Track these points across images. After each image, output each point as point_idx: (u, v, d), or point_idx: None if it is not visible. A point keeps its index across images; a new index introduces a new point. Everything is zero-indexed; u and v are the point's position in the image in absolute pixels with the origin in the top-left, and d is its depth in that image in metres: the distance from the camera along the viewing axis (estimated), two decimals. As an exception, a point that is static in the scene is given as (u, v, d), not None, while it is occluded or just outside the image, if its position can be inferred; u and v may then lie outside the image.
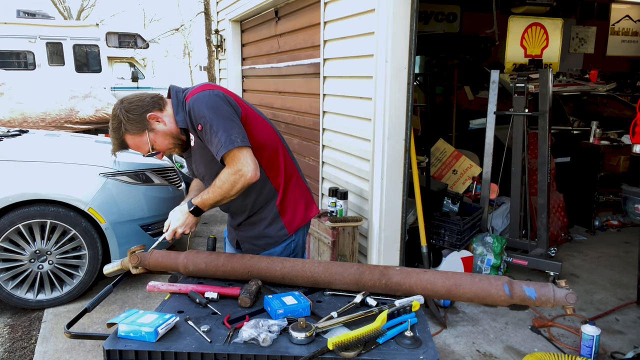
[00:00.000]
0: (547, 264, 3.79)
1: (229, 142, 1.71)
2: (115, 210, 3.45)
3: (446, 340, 3.08)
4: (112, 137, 1.86)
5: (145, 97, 1.86)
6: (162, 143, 1.87)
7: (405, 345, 1.35)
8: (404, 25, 2.87)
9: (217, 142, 1.72)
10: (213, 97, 1.79)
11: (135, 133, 1.82)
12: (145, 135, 1.83)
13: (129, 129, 1.81)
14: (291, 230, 2.02)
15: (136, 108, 1.81)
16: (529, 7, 6.63)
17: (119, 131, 1.82)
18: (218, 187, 1.77)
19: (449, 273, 1.60)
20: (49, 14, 15.84)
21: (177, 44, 30.34)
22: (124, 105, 1.82)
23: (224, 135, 1.71)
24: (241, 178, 1.72)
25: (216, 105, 1.77)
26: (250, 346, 1.33)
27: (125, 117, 1.80)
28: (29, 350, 2.99)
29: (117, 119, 1.81)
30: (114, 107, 1.85)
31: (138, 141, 1.85)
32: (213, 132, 1.73)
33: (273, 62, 5.20)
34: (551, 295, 1.48)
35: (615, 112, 5.96)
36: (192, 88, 1.90)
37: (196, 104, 1.78)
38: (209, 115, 1.74)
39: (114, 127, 1.83)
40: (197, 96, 1.79)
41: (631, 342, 3.07)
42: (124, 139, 1.84)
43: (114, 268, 1.87)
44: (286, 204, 2.01)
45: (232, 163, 1.73)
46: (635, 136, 3.34)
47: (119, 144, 1.86)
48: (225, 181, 1.74)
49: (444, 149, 4.77)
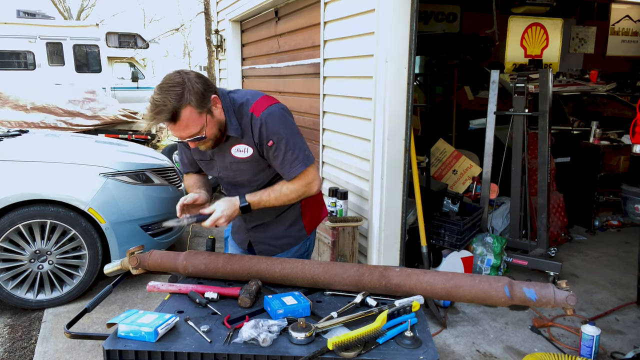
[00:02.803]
0: (547, 264, 3.79)
1: (306, 159, 1.81)
2: (115, 210, 3.45)
3: (446, 340, 3.08)
4: (167, 102, 1.57)
5: (208, 78, 1.70)
6: (211, 130, 1.72)
7: (405, 346, 1.35)
8: (404, 25, 2.87)
9: (293, 159, 1.79)
10: (284, 113, 1.82)
11: (198, 108, 1.63)
12: (204, 116, 1.67)
13: (193, 102, 1.61)
14: (309, 231, 2.10)
15: (203, 84, 1.65)
16: (529, 7, 6.63)
17: (181, 99, 1.58)
18: (284, 195, 1.84)
19: (449, 274, 1.60)
20: (49, 14, 15.84)
21: (177, 44, 30.34)
22: (191, 76, 1.63)
23: (301, 153, 1.80)
24: (309, 191, 1.86)
25: (288, 122, 1.82)
26: (250, 346, 1.33)
27: (194, 87, 1.61)
28: (29, 350, 2.99)
29: (181, 86, 1.60)
30: (172, 75, 1.64)
31: (194, 119, 1.64)
32: (289, 149, 1.78)
33: (273, 62, 5.20)
34: (552, 296, 1.48)
35: (615, 112, 5.96)
36: (249, 97, 1.81)
37: (270, 120, 1.76)
38: (284, 132, 1.77)
39: (175, 93, 1.58)
40: (269, 111, 1.77)
41: (631, 342, 3.07)
42: (180, 110, 1.60)
43: (114, 268, 1.87)
44: (307, 206, 2.06)
45: (304, 177, 1.82)
46: (635, 136, 3.34)
47: (171, 113, 1.59)
48: (294, 191, 1.83)
49: (444, 149, 4.77)
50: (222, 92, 1.80)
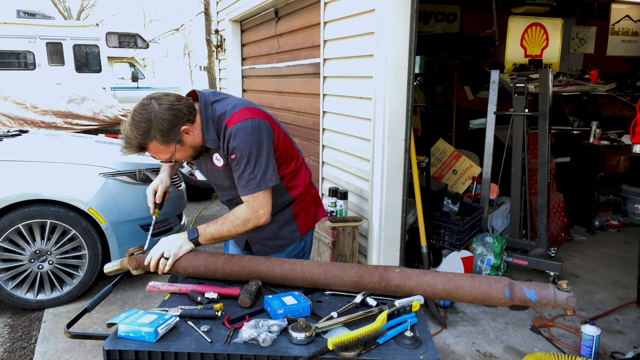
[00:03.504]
0: (547, 264, 3.79)
1: (263, 183, 1.75)
2: (115, 210, 3.45)
3: (446, 340, 3.08)
4: (133, 138, 1.65)
5: (182, 107, 1.70)
6: (183, 154, 1.78)
7: (405, 346, 1.35)
8: (404, 25, 2.87)
9: (249, 179, 1.74)
10: (256, 129, 1.74)
11: (164, 143, 1.68)
12: (172, 146, 1.71)
13: (158, 138, 1.65)
14: (303, 233, 2.08)
15: (172, 117, 1.66)
16: (529, 7, 6.63)
17: (146, 136, 1.64)
18: (229, 222, 1.79)
19: (449, 275, 1.60)
20: (49, 14, 15.83)
21: (177, 44, 30.34)
22: (159, 111, 1.64)
23: (259, 174, 1.74)
24: (256, 220, 1.79)
25: (258, 139, 1.74)
26: (250, 346, 1.33)
27: (159, 125, 1.63)
28: (29, 350, 2.99)
29: (147, 122, 1.63)
30: (143, 106, 1.66)
31: (162, 149, 1.71)
32: (249, 167, 1.74)
33: (273, 62, 5.20)
34: (552, 297, 1.48)
35: (615, 112, 5.96)
36: (229, 107, 1.79)
37: (238, 135, 1.71)
38: (248, 150, 1.72)
39: (141, 129, 1.63)
40: (240, 126, 1.72)
41: (631, 342, 3.07)
42: (147, 145, 1.67)
43: (114, 267, 1.87)
44: (301, 208, 2.05)
45: (253, 203, 1.77)
46: (635, 136, 3.34)
47: (138, 148, 1.67)
48: (240, 217, 1.78)
49: (444, 149, 4.77)
50: (205, 102, 1.79)
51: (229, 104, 1.81)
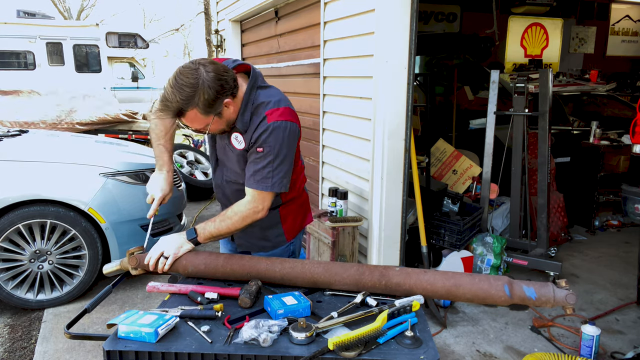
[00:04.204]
0: (547, 264, 3.79)
1: (276, 185, 1.75)
2: (115, 210, 3.45)
3: (446, 340, 3.08)
4: (174, 101, 1.56)
5: (229, 79, 1.65)
6: (218, 127, 1.74)
7: (406, 345, 1.35)
8: (404, 25, 2.87)
9: (266, 176, 1.73)
10: (292, 134, 1.76)
11: (204, 113, 1.62)
12: (210, 118, 1.66)
13: (200, 107, 1.59)
14: (289, 238, 2.06)
15: (219, 88, 1.60)
16: (529, 7, 6.62)
17: (189, 102, 1.56)
18: (228, 218, 1.78)
19: (449, 274, 1.60)
20: (49, 14, 15.83)
21: (177, 44, 30.33)
22: (207, 79, 1.57)
23: (278, 177, 1.74)
24: (254, 216, 1.78)
25: (289, 144, 1.75)
26: (250, 346, 1.33)
27: (205, 94, 1.57)
28: (29, 350, 2.99)
29: (193, 88, 1.55)
30: (190, 69, 1.58)
31: (199, 119, 1.64)
32: (270, 166, 1.73)
33: (273, 62, 5.20)
34: (551, 295, 1.48)
35: (615, 112, 5.96)
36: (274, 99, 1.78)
37: (274, 133, 1.71)
38: (277, 150, 1.72)
39: (185, 94, 1.55)
40: (279, 125, 1.72)
41: (631, 342, 3.07)
42: (187, 111, 1.60)
43: (114, 268, 1.87)
44: (287, 213, 2.03)
45: (258, 199, 1.77)
46: (635, 136, 3.34)
47: (177, 112, 1.60)
48: (239, 213, 1.77)
49: (444, 149, 4.77)
50: (254, 84, 1.77)
51: (273, 96, 1.80)
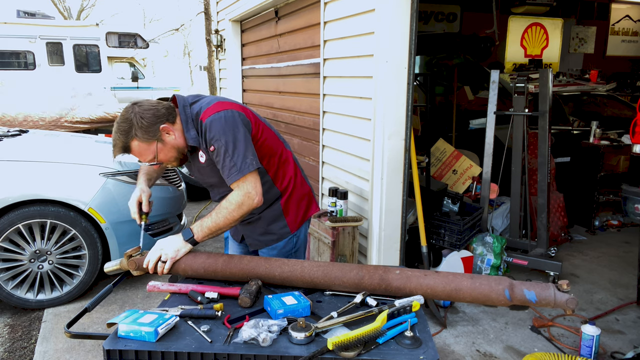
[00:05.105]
0: (547, 264, 3.79)
1: (245, 167, 1.77)
2: (115, 210, 3.45)
3: (446, 340, 3.08)
4: (117, 139, 1.78)
5: (160, 107, 1.81)
6: (166, 155, 1.86)
7: (406, 345, 1.35)
8: (404, 25, 2.87)
9: (231, 166, 1.77)
10: (229, 119, 1.80)
11: (145, 141, 1.78)
12: (154, 145, 1.80)
13: (139, 135, 1.76)
14: (293, 229, 2.12)
15: (151, 116, 1.76)
16: (529, 7, 6.62)
17: (128, 135, 1.76)
18: (224, 209, 1.79)
19: (449, 276, 1.59)
20: (49, 14, 15.83)
21: (177, 44, 30.35)
22: (139, 111, 1.76)
23: (240, 160, 1.77)
24: (250, 201, 1.78)
25: (232, 127, 1.79)
26: (250, 346, 1.34)
27: (139, 123, 1.74)
28: (29, 350, 2.99)
29: (128, 122, 1.75)
30: (125, 109, 1.78)
31: (144, 149, 1.80)
32: (228, 155, 1.77)
33: (273, 62, 5.20)
34: (552, 299, 1.48)
35: (615, 112, 5.96)
36: (204, 104, 1.86)
37: (213, 126, 1.78)
38: (224, 139, 1.77)
39: (123, 129, 1.76)
40: (213, 118, 1.79)
41: (631, 342, 3.07)
42: (129, 144, 1.78)
43: (114, 267, 1.87)
44: (290, 204, 2.09)
45: (243, 186, 1.79)
46: (635, 136, 3.34)
47: (123, 148, 1.79)
48: (233, 202, 1.78)
49: (444, 149, 4.77)
50: (184, 104, 1.88)
51: (204, 102, 1.89)
